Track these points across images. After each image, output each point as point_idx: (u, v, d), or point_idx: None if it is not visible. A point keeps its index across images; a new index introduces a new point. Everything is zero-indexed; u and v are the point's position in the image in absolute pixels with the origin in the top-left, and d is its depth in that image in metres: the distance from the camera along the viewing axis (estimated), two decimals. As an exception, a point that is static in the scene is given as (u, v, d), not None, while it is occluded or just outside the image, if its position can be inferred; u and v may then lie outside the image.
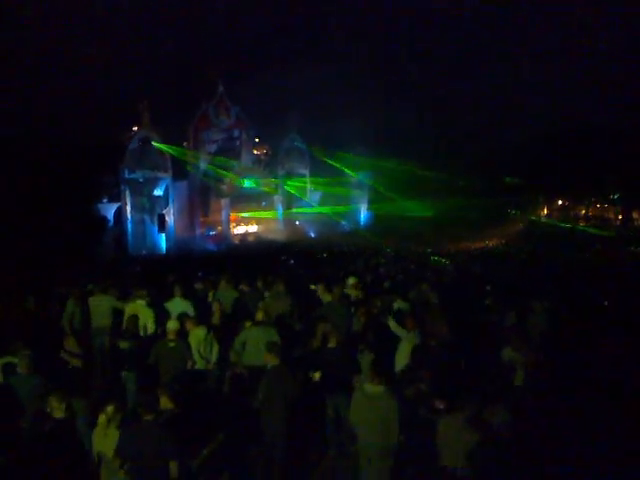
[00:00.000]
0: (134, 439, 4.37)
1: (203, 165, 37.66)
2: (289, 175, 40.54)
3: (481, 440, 4.12)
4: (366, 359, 6.11)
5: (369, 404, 4.62)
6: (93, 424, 4.76)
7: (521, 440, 4.67)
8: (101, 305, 8.54)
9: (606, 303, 10.38)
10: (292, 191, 41.36)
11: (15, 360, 5.79)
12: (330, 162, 40.98)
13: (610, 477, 4.76)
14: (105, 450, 4.52)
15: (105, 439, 4.54)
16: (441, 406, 4.48)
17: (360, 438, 4.72)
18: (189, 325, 7.09)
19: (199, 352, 6.83)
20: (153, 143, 33.72)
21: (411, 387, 4.39)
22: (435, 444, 4.41)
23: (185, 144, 36.84)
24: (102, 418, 4.58)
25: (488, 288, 11.47)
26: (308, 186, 41.99)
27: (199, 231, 37.86)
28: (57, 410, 4.65)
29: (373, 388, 4.68)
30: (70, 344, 5.98)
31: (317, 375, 5.96)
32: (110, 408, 4.58)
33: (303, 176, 41.23)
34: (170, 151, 34.71)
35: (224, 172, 37.99)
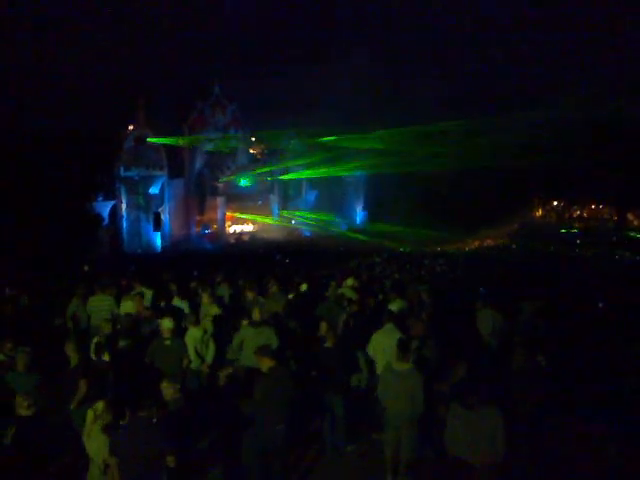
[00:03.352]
0: (129, 437, 4.15)
1: (199, 164, 37.59)
2: (285, 174, 40.55)
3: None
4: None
5: (398, 380, 5.14)
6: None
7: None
8: (103, 304, 8.53)
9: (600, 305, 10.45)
10: (288, 190, 41.36)
11: (3, 358, 5.77)
12: (327, 161, 40.96)
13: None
14: (89, 451, 4.37)
15: (89, 440, 4.36)
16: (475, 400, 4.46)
17: (389, 410, 5.24)
18: (188, 324, 7.08)
19: (196, 350, 6.82)
20: (148, 139, 33.64)
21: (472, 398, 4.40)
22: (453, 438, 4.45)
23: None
24: (90, 414, 4.39)
25: (482, 289, 11.54)
26: (304, 185, 41.98)
27: (194, 230, 37.78)
28: (22, 408, 4.53)
29: (401, 366, 5.20)
30: (70, 349, 5.92)
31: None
32: (100, 405, 4.41)
33: (299, 175, 41.25)
34: (166, 142, 34.55)
35: (220, 171, 37.97)
